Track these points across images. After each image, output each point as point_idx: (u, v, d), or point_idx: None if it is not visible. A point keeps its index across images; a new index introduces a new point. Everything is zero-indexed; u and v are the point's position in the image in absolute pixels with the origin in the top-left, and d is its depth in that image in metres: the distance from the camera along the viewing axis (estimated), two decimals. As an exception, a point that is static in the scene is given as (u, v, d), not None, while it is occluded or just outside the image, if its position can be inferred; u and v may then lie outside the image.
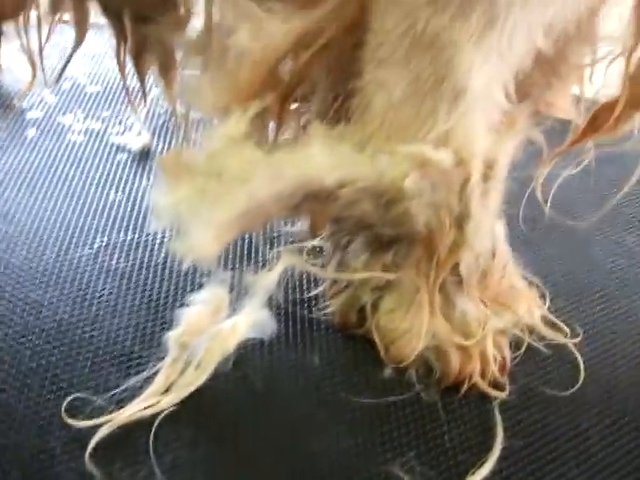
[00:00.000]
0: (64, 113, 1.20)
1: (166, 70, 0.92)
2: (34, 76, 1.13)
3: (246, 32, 0.69)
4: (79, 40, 0.93)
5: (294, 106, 0.83)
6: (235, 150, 0.68)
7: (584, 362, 0.83)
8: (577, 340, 0.85)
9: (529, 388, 0.80)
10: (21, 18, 0.99)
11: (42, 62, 1.02)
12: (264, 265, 0.90)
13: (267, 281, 0.74)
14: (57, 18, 0.94)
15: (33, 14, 1.05)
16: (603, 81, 0.81)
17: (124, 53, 0.92)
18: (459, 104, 0.68)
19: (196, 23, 0.84)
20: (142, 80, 0.94)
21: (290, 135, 0.81)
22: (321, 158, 0.68)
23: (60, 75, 1.06)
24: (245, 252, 0.93)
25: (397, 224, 0.73)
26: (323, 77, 0.77)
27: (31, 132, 1.14)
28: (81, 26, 0.91)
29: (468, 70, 0.66)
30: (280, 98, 0.74)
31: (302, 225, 0.93)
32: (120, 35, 0.90)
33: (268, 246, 0.94)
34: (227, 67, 0.71)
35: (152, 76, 0.99)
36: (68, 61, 0.98)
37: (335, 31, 0.70)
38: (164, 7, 0.85)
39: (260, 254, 0.93)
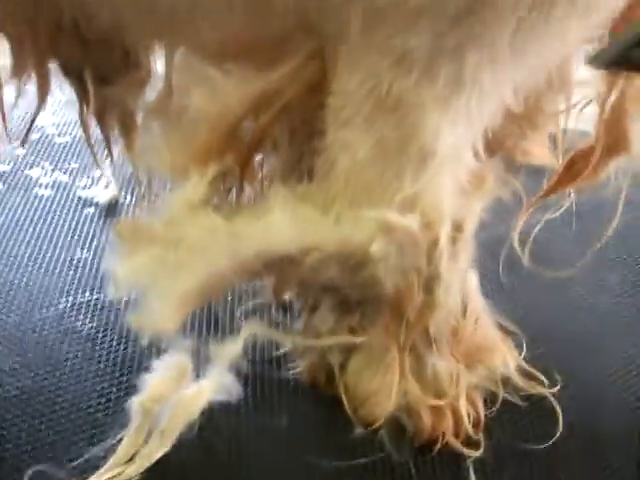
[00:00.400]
0: (32, 166, 1.18)
1: (127, 131, 0.90)
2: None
3: (202, 94, 0.68)
4: (41, 102, 0.92)
5: (257, 159, 0.82)
6: (193, 217, 0.67)
7: (563, 412, 0.81)
8: (555, 390, 0.84)
9: (505, 444, 0.78)
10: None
11: (5, 122, 1.01)
12: (229, 328, 0.89)
13: (231, 347, 0.72)
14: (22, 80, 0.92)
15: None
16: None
17: (87, 113, 0.91)
18: (426, 167, 0.66)
19: (156, 85, 0.82)
20: (107, 138, 0.93)
21: (252, 193, 0.80)
22: (282, 225, 0.66)
23: (27, 132, 1.04)
24: (208, 316, 0.91)
25: (364, 287, 0.71)
26: (286, 137, 0.76)
27: (-2, 187, 1.12)
28: (43, 89, 0.90)
29: (435, 133, 0.65)
30: (240, 159, 0.73)
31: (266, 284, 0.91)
32: (82, 97, 0.89)
33: (230, 307, 0.93)
34: (184, 129, 0.70)
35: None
36: (33, 121, 0.96)
37: (295, 93, 0.69)
38: (125, 68, 0.84)
39: (224, 316, 0.91)
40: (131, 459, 0.71)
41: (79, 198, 1.11)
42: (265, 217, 0.67)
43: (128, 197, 1.12)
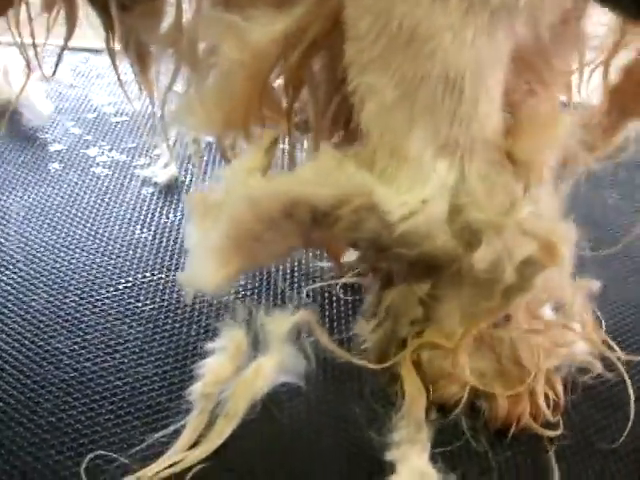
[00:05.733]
0: (88, 145, 1.15)
1: (141, 59, 0.91)
2: (29, 73, 1.07)
3: (231, 45, 0.66)
4: (69, 34, 0.92)
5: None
6: (245, 180, 0.65)
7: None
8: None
9: (587, 431, 0.75)
10: (12, 15, 0.95)
11: (38, 60, 0.99)
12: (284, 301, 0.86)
13: (289, 321, 0.72)
14: (53, 15, 0.92)
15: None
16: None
17: (113, 41, 0.91)
18: (459, 96, 0.64)
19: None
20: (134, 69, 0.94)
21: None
22: (310, 177, 0.64)
23: (56, 66, 1.02)
24: (265, 288, 0.89)
25: (409, 244, 0.67)
26: (319, 86, 0.74)
27: (54, 165, 1.10)
28: (71, 19, 0.90)
29: (456, 58, 0.62)
30: (279, 111, 0.72)
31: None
32: (107, 24, 0.89)
33: (289, 282, 0.90)
34: (218, 83, 0.68)
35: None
36: (63, 49, 0.96)
37: (320, 28, 0.68)
38: None
39: (283, 291, 0.89)
40: (196, 445, 0.69)
41: (137, 177, 1.08)
42: (296, 171, 0.64)
43: (188, 176, 1.09)
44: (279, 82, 0.75)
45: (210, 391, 0.71)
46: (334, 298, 0.87)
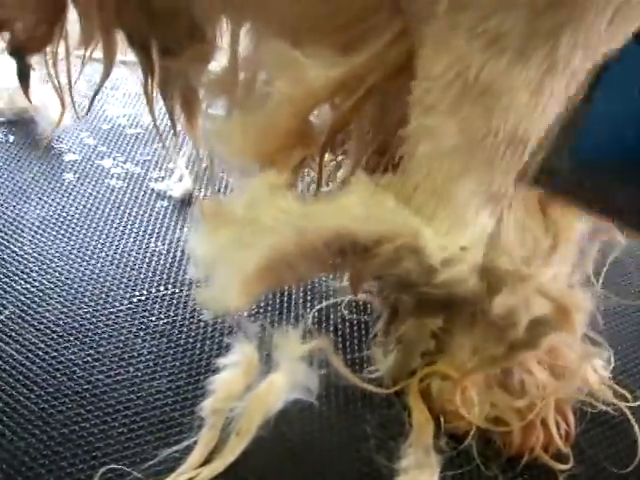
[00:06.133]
0: (103, 156, 1.15)
1: (188, 105, 0.88)
2: (63, 111, 1.09)
3: (287, 79, 0.65)
4: (107, 72, 0.91)
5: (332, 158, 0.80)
6: (272, 199, 0.64)
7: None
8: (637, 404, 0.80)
9: (597, 460, 0.75)
10: (49, 52, 0.95)
11: (72, 96, 0.99)
12: (297, 320, 0.87)
13: (303, 347, 0.72)
14: (89, 52, 0.91)
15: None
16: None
17: (152, 86, 0.89)
18: (519, 155, 0.63)
19: (221, 59, 0.81)
20: (171, 114, 0.91)
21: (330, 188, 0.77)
22: (357, 210, 0.63)
23: (89, 107, 1.02)
24: (278, 305, 0.89)
25: (442, 286, 0.67)
26: (365, 125, 0.73)
27: (69, 176, 1.10)
28: (109, 58, 0.88)
29: (527, 119, 0.61)
30: (321, 147, 0.71)
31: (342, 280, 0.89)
32: (147, 68, 0.88)
33: (302, 300, 0.90)
34: (262, 113, 0.67)
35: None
36: (97, 92, 0.95)
37: (379, 77, 0.66)
38: (189, 41, 0.82)
39: (296, 308, 0.89)
40: (207, 461, 0.69)
41: (152, 190, 1.08)
42: (340, 201, 0.64)
43: (202, 190, 1.09)
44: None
45: (221, 407, 0.71)
46: (347, 317, 0.87)
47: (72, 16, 0.89)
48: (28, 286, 0.88)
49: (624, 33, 0.59)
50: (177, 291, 0.89)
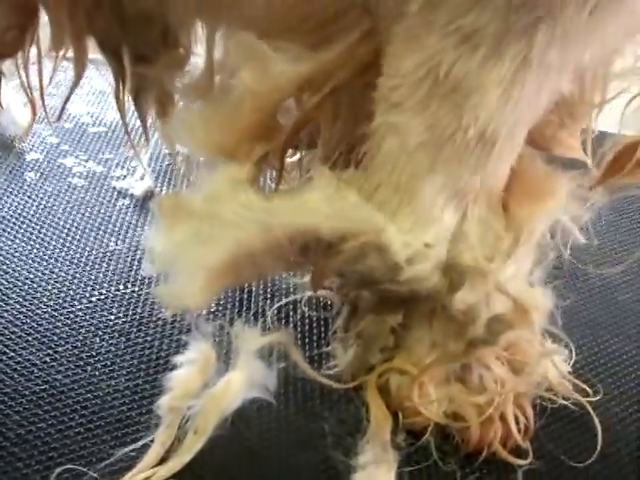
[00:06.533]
0: (65, 155, 1.15)
1: (164, 111, 0.87)
2: (34, 115, 1.08)
3: (251, 72, 0.65)
4: (77, 78, 0.90)
5: (296, 156, 0.79)
6: (233, 194, 0.64)
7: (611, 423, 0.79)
8: (596, 399, 0.81)
9: (557, 455, 0.75)
10: (20, 56, 0.94)
11: (43, 100, 0.98)
12: (256, 317, 0.86)
13: (262, 340, 0.72)
14: (60, 55, 0.90)
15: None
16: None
17: (123, 92, 0.88)
18: (487, 153, 0.63)
19: (196, 63, 0.81)
20: (143, 121, 0.90)
21: (292, 184, 0.77)
22: (320, 207, 0.63)
23: (60, 114, 1.02)
24: (237, 303, 0.88)
25: (405, 283, 0.67)
26: (329, 121, 0.72)
27: (30, 175, 1.09)
28: (79, 63, 0.87)
29: (496, 116, 0.61)
30: (282, 142, 0.70)
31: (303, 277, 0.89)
32: (119, 74, 0.87)
33: (262, 297, 0.90)
34: (226, 106, 0.67)
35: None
36: (68, 99, 0.94)
37: (346, 74, 0.66)
38: (163, 47, 0.81)
39: (255, 305, 0.89)
40: (164, 460, 0.68)
41: (114, 189, 1.08)
42: (303, 197, 0.63)
43: (164, 189, 1.09)
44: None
45: (178, 405, 0.70)
46: (306, 314, 0.87)
47: (44, 19, 0.89)
48: (-14, 286, 0.87)
49: (605, 27, 0.59)
50: (137, 289, 0.88)
